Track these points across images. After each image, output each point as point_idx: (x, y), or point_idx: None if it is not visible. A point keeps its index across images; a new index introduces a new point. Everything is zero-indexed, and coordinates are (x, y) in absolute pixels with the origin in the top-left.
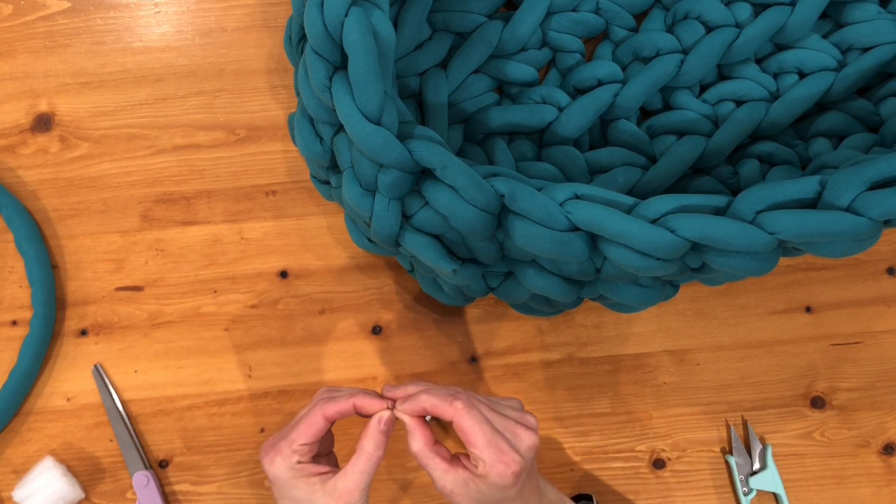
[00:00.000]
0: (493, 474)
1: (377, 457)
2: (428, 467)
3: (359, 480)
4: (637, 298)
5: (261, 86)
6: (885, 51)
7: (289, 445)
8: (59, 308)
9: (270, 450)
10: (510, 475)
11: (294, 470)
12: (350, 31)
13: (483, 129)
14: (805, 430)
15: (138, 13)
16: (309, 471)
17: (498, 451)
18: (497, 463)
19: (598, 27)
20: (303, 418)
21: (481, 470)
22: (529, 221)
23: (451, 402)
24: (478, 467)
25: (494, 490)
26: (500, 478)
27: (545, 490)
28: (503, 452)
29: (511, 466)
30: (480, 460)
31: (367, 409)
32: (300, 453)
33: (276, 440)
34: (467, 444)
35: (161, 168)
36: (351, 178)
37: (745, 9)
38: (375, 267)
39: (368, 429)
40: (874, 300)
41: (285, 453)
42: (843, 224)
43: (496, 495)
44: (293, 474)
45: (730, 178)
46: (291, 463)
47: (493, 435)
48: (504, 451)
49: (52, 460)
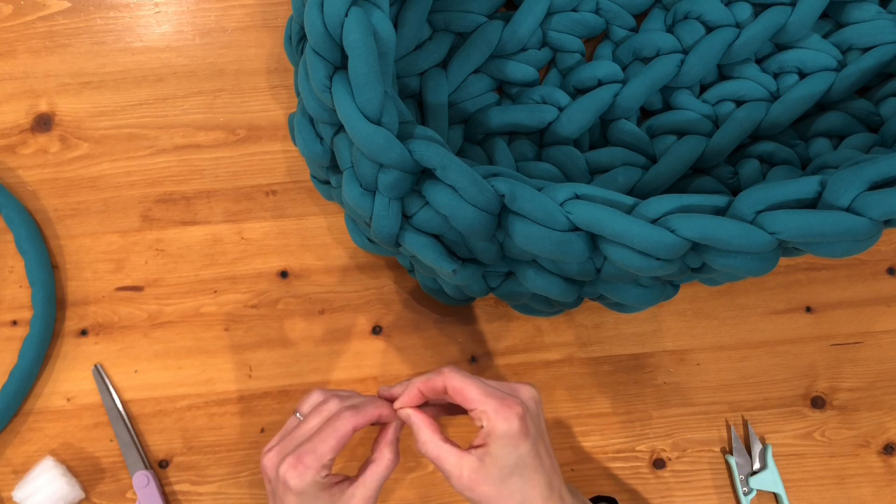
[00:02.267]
0: (500, 422)
1: (396, 463)
2: (440, 459)
3: (377, 487)
4: (637, 298)
5: (261, 86)
6: (885, 51)
7: (319, 460)
8: (59, 308)
9: (298, 464)
10: (515, 418)
11: (321, 483)
12: (350, 31)
13: (483, 129)
14: (805, 430)
15: (138, 13)
16: (332, 481)
17: (497, 398)
18: (500, 408)
19: (598, 27)
20: (329, 431)
21: (486, 425)
22: (529, 221)
23: (439, 372)
24: (483, 424)
25: (508, 449)
26: (507, 423)
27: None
28: (502, 398)
29: (514, 408)
30: (483, 413)
31: (387, 417)
32: (329, 467)
33: (301, 454)
34: (466, 404)
35: (161, 168)
36: (351, 178)
37: (745, 9)
38: (375, 267)
39: (387, 436)
40: (874, 300)
41: (315, 467)
42: (844, 224)
43: (512, 456)
44: (320, 487)
45: (730, 178)
46: (320, 477)
47: (488, 388)
48: (503, 398)
49: (52, 460)
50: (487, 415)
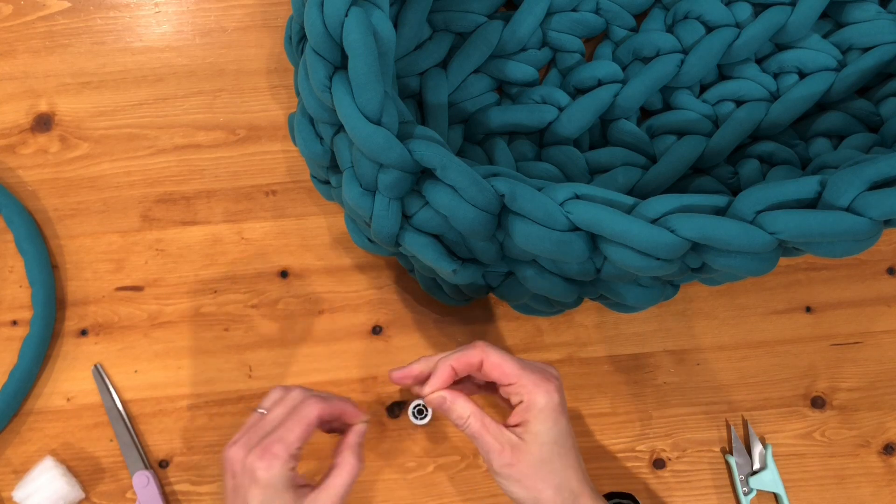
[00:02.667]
0: (540, 395)
1: (360, 469)
2: (482, 434)
3: (342, 494)
4: (637, 298)
5: (261, 86)
6: (885, 51)
7: (286, 449)
8: (59, 308)
9: (265, 453)
10: (555, 392)
11: (288, 478)
12: (350, 31)
13: (483, 129)
14: (805, 430)
15: (138, 13)
16: (299, 481)
17: (536, 372)
18: (540, 381)
19: (598, 27)
20: (295, 419)
21: (526, 400)
22: (529, 221)
23: (472, 346)
24: (523, 399)
25: (549, 424)
26: (548, 396)
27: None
28: (541, 371)
29: (553, 382)
30: (522, 388)
31: (351, 417)
32: (296, 458)
33: (268, 443)
34: (503, 379)
35: (161, 168)
36: (351, 178)
37: (745, 9)
38: (375, 267)
39: (349, 441)
40: (874, 300)
41: (283, 457)
42: (843, 224)
43: (552, 432)
44: (286, 483)
45: (730, 178)
46: (288, 469)
47: (524, 362)
48: (541, 371)
49: (52, 460)
50: (528, 389)
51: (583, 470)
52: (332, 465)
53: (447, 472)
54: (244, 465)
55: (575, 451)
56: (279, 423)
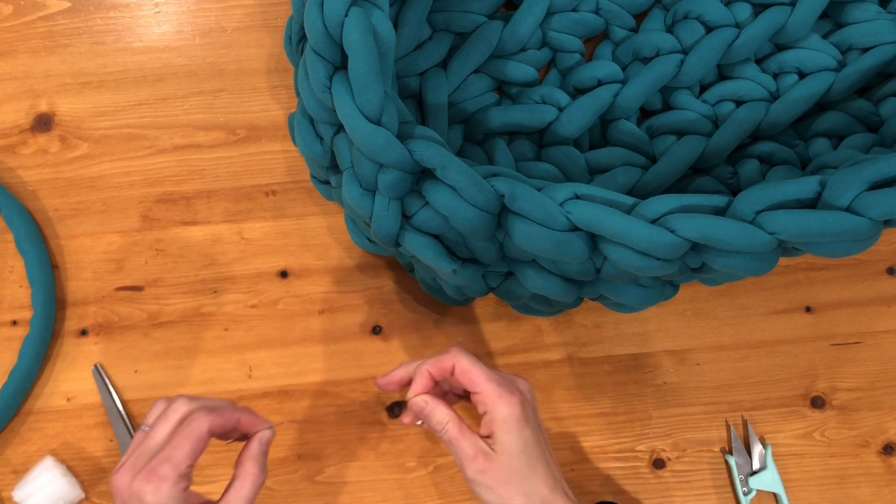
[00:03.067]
0: (502, 406)
1: (263, 480)
2: (459, 441)
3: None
4: (637, 298)
5: (261, 86)
6: (885, 51)
7: (175, 469)
8: (59, 308)
9: (152, 476)
10: (517, 403)
11: (180, 500)
12: (350, 31)
13: (483, 129)
14: (805, 430)
15: (138, 13)
16: (191, 501)
17: (498, 383)
18: (502, 393)
19: (598, 27)
20: (182, 436)
21: (490, 411)
22: (529, 221)
23: (447, 352)
24: (487, 410)
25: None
26: (509, 407)
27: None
28: (504, 384)
29: (514, 394)
30: (487, 398)
31: (251, 427)
32: (188, 477)
33: (155, 465)
34: (470, 387)
35: (161, 168)
36: (351, 178)
37: (745, 9)
38: (375, 267)
39: (250, 450)
40: (874, 300)
41: (172, 478)
42: (843, 224)
43: (518, 443)
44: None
45: (730, 178)
46: (179, 490)
47: (491, 373)
48: (504, 384)
49: (52, 460)
50: (492, 400)
51: (554, 476)
52: (232, 477)
53: (447, 472)
54: (131, 491)
55: (545, 460)
56: (165, 441)
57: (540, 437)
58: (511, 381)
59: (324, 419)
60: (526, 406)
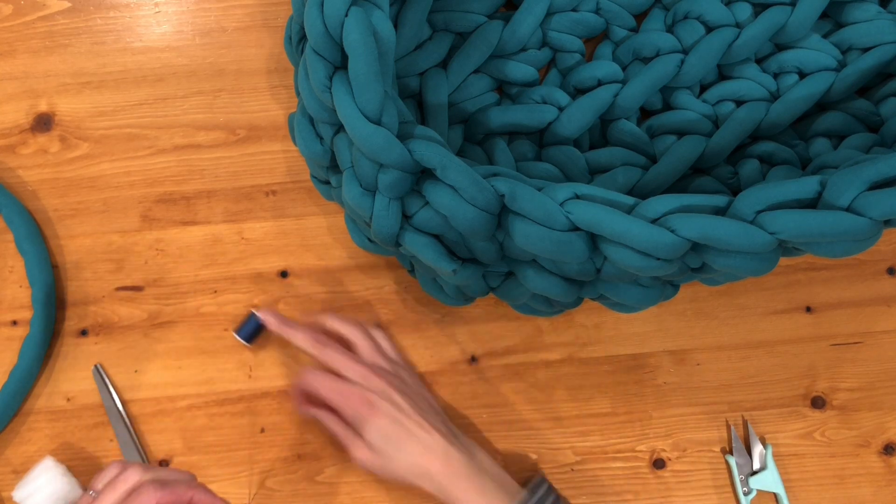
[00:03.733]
0: (350, 411)
1: None
2: (344, 439)
3: None
4: (637, 298)
5: (261, 86)
6: (885, 51)
7: None
8: (59, 308)
9: None
10: (362, 406)
11: None
12: (350, 31)
13: (483, 129)
14: (805, 430)
15: (138, 13)
16: None
17: (339, 393)
18: (348, 400)
19: (598, 27)
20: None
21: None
22: (529, 221)
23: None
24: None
25: (371, 430)
26: (355, 412)
27: (473, 450)
28: (345, 392)
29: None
30: (338, 407)
31: (202, 501)
32: None
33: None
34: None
35: (161, 168)
36: (351, 178)
37: (745, 9)
38: (375, 267)
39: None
40: (874, 300)
41: None
42: (843, 224)
43: (377, 436)
44: None
45: (730, 178)
46: None
47: (336, 384)
48: (345, 391)
49: (52, 460)
50: (342, 408)
51: (428, 447)
52: None
53: None
54: None
55: (412, 439)
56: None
57: (401, 417)
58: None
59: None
60: (373, 402)
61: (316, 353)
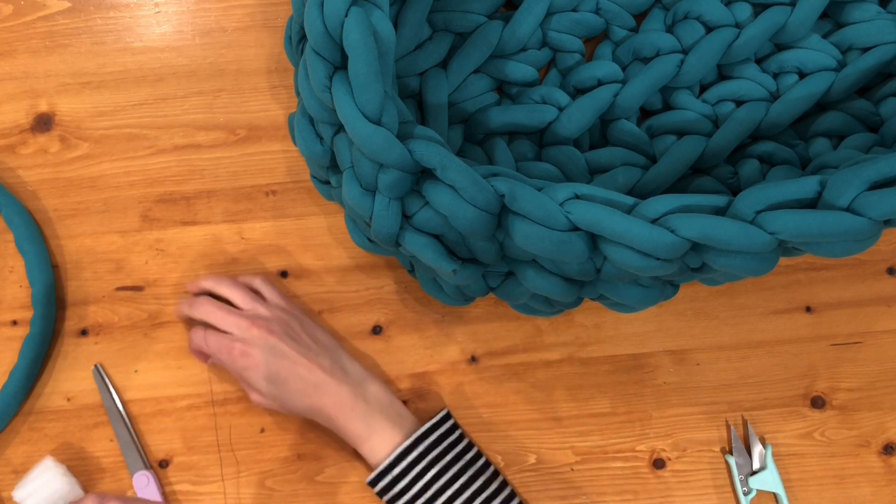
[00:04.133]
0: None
1: None
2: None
3: None
4: (637, 298)
5: (261, 86)
6: (885, 51)
7: None
8: (59, 308)
9: None
10: (237, 357)
11: None
12: (350, 31)
13: (483, 129)
14: (805, 430)
15: (138, 13)
16: None
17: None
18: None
19: (598, 27)
20: None
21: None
22: (529, 221)
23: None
24: None
25: (251, 373)
26: (230, 360)
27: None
28: (222, 341)
29: (230, 346)
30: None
31: None
32: None
33: None
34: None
35: (161, 168)
36: (351, 178)
37: (745, 9)
38: (375, 267)
39: None
40: (874, 300)
41: None
42: (843, 224)
43: (256, 377)
44: None
45: (730, 178)
46: None
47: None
48: (222, 340)
49: (52, 460)
50: (224, 361)
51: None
52: None
53: None
54: None
55: (293, 376)
56: None
57: (276, 359)
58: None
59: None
60: (246, 349)
61: (192, 313)
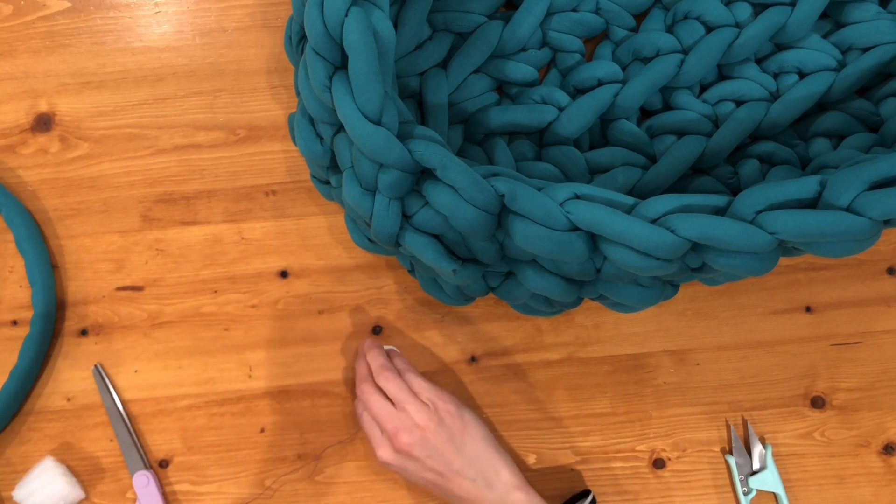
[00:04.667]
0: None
1: None
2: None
3: None
4: (637, 298)
5: (261, 86)
6: (885, 51)
7: None
8: (59, 308)
9: None
10: (387, 453)
11: None
12: (350, 31)
13: (483, 129)
14: (805, 430)
15: (138, 13)
16: None
17: (371, 429)
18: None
19: (598, 27)
20: None
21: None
22: (529, 221)
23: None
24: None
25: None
26: (378, 453)
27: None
28: (376, 432)
29: (380, 448)
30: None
31: None
32: None
33: None
34: None
35: (161, 168)
36: (351, 178)
37: (745, 9)
38: (375, 267)
39: None
40: (874, 300)
41: None
42: (843, 224)
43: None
44: None
45: (730, 178)
46: None
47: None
48: (376, 432)
49: (52, 460)
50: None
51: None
52: None
53: None
54: None
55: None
56: None
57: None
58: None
59: (324, 419)
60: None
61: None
